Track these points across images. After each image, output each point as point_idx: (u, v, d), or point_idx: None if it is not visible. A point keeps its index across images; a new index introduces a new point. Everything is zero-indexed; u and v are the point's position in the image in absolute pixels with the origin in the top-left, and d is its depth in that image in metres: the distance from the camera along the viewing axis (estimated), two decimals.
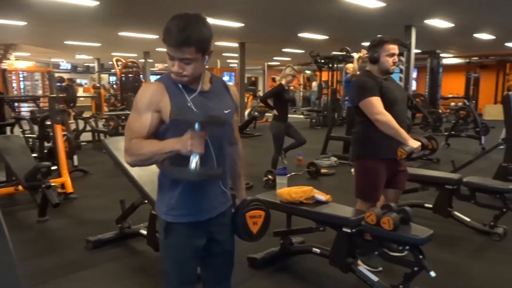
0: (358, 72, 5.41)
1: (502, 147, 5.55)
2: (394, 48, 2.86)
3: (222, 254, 1.69)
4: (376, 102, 2.78)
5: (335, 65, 12.03)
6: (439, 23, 9.03)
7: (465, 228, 3.76)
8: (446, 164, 6.43)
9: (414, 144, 2.66)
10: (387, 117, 2.74)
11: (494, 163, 5.99)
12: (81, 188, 5.25)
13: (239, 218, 1.71)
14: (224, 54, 15.96)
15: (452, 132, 8.86)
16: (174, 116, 1.47)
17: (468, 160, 5.67)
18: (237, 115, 1.77)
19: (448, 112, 13.56)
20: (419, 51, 11.23)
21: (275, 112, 5.49)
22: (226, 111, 1.61)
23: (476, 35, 10.96)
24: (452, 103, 15.58)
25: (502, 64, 16.45)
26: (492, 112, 14.64)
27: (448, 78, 16.30)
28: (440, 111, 11.84)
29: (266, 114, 13.94)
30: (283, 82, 5.43)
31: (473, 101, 13.71)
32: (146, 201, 3.21)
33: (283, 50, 15.30)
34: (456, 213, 3.82)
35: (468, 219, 3.78)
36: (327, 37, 11.42)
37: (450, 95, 15.87)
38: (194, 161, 1.39)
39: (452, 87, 16.75)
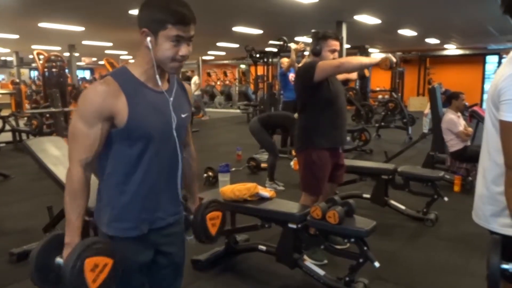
0: (295, 63, 5.42)
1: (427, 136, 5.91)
2: (336, 45, 2.88)
3: (170, 266, 1.56)
4: (326, 61, 2.79)
5: (270, 60, 12.15)
6: (367, 19, 9.43)
7: (401, 216, 3.93)
8: (378, 155, 6.72)
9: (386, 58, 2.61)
10: (344, 58, 2.84)
11: (420, 151, 6.38)
12: (1, 193, 4.82)
13: (200, 222, 1.61)
14: None
15: (382, 124, 9.32)
16: None
17: (399, 150, 5.97)
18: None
19: (377, 104, 14.26)
20: (349, 46, 11.69)
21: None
22: (183, 115, 1.46)
23: (400, 31, 11.61)
24: (380, 96, 16.41)
25: (423, 59, 17.63)
26: (416, 103, 15.68)
27: (375, 72, 17.14)
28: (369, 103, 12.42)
29: (205, 109, 13.71)
30: None
31: (399, 94, 14.54)
32: None
33: (218, 44, 15.12)
34: (392, 201, 3.99)
35: (403, 207, 3.95)
36: (261, 32, 11.46)
37: (378, 88, 16.71)
38: None
39: (379, 80, 17.67)
